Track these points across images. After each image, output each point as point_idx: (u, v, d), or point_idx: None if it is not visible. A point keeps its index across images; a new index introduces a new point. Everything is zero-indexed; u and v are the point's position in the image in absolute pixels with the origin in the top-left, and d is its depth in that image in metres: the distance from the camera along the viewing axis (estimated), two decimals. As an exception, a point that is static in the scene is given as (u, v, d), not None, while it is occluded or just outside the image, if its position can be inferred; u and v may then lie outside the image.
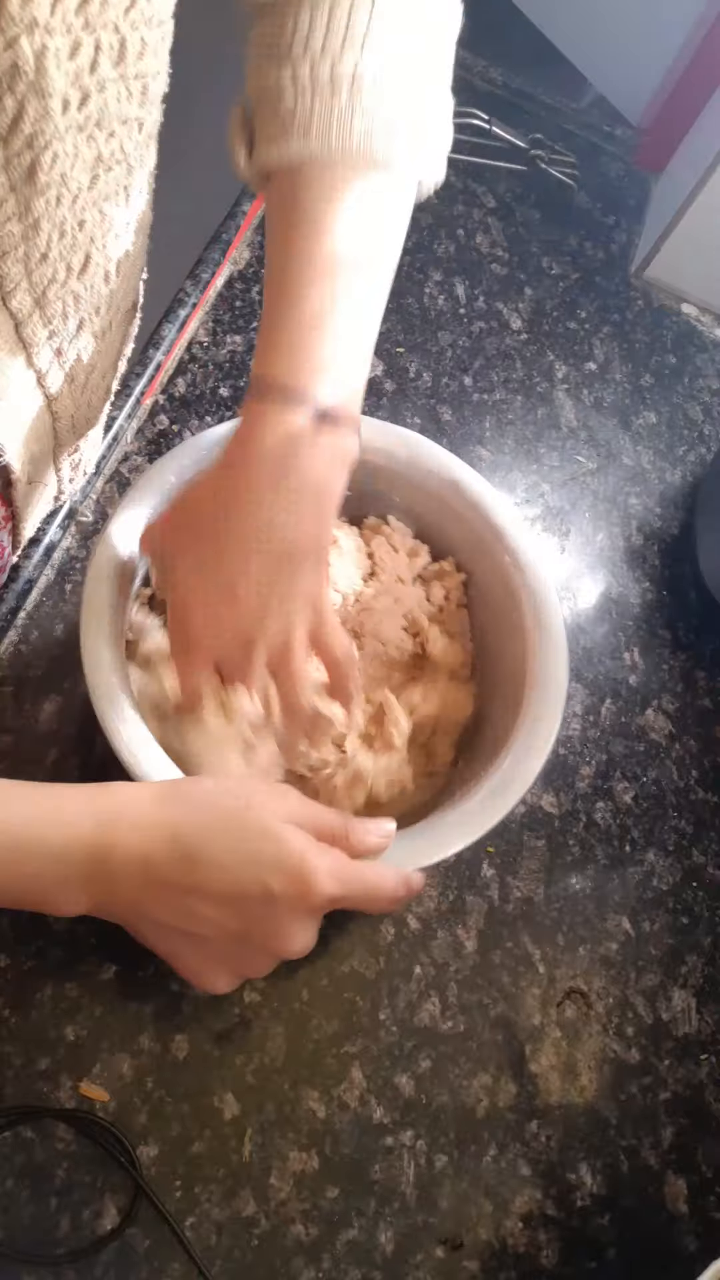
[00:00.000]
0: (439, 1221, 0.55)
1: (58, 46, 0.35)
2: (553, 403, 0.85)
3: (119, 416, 0.72)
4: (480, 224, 0.93)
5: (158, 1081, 0.55)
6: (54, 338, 0.47)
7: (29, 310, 0.44)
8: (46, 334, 0.46)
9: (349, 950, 0.60)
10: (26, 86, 0.35)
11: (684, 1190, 0.59)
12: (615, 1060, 0.62)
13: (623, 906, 0.66)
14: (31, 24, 0.34)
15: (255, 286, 0.82)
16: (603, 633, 0.76)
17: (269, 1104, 0.56)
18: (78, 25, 0.35)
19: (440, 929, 0.62)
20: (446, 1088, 0.58)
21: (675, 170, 0.97)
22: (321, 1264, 0.53)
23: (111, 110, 0.40)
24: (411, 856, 0.50)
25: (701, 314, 0.95)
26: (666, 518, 0.83)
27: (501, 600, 0.60)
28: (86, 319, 0.49)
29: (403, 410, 0.80)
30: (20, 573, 0.65)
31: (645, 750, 0.72)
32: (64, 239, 0.42)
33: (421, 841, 0.51)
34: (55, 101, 0.36)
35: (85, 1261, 0.51)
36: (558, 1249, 0.56)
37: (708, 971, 0.65)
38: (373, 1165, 0.56)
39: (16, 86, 0.35)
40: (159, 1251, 0.52)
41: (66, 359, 0.49)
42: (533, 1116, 0.59)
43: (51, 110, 0.36)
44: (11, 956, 0.56)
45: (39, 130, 0.37)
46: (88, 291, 0.47)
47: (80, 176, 0.41)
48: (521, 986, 0.62)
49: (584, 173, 0.98)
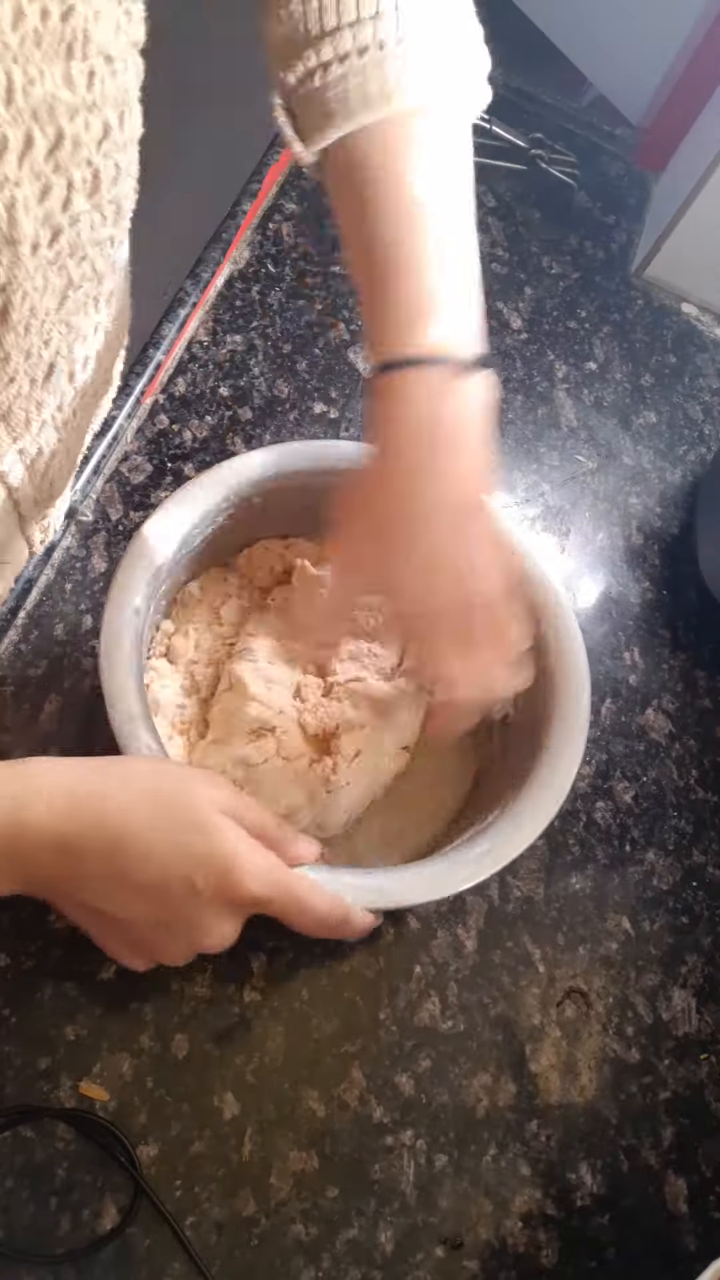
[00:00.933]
0: (439, 1221, 0.55)
1: (26, 195, 0.34)
2: (553, 402, 0.85)
3: (119, 416, 0.72)
4: (480, 223, 0.91)
5: (158, 1081, 0.55)
6: (16, 441, 0.47)
7: None
8: (10, 439, 0.46)
9: (349, 950, 0.60)
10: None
11: (684, 1190, 0.59)
12: (615, 1060, 0.62)
13: (623, 906, 0.66)
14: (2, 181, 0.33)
15: (255, 286, 0.82)
16: (603, 632, 0.76)
17: (269, 1104, 0.56)
18: (48, 170, 0.35)
19: (440, 929, 0.62)
20: (446, 1087, 0.58)
21: (675, 170, 0.97)
22: (321, 1264, 0.53)
23: (84, 238, 0.39)
24: (426, 889, 0.50)
25: (701, 314, 0.95)
26: (666, 518, 0.83)
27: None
28: (50, 418, 0.49)
29: (403, 410, 0.80)
30: (20, 572, 0.65)
31: (645, 750, 0.72)
32: (29, 359, 0.42)
33: (434, 872, 0.51)
34: (25, 247, 0.36)
35: (85, 1261, 0.51)
36: (558, 1249, 0.56)
37: (708, 971, 0.65)
38: (373, 1165, 0.56)
39: None
40: (159, 1251, 0.52)
41: (28, 454, 0.49)
42: (533, 1116, 0.59)
43: (22, 256, 0.36)
44: (11, 956, 0.56)
45: (11, 277, 0.36)
46: (51, 395, 0.47)
47: (49, 303, 0.40)
48: (521, 986, 0.62)
49: (584, 172, 0.98)
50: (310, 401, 0.78)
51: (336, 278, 0.85)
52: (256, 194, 0.86)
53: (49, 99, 0.33)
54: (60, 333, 0.43)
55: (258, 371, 0.78)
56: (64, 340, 0.44)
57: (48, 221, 0.36)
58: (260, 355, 0.79)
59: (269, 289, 0.83)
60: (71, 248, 0.39)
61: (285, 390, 0.78)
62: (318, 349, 0.81)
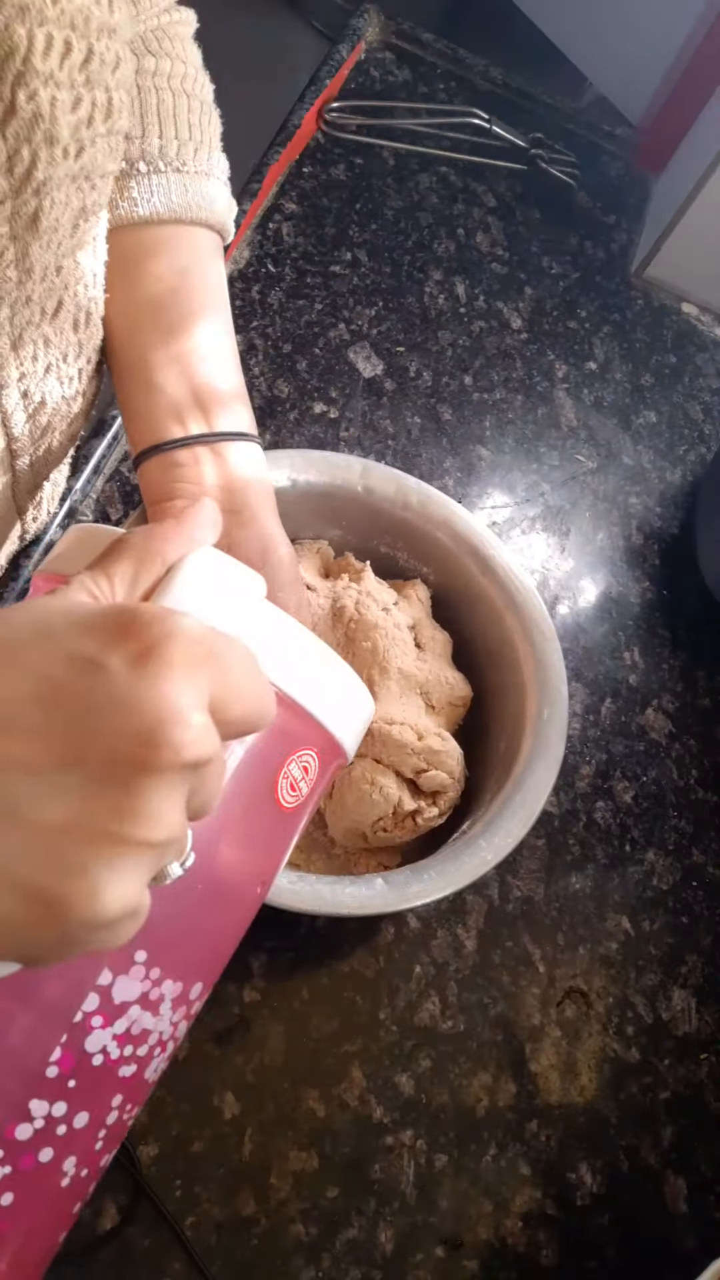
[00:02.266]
0: (439, 1221, 0.55)
1: (64, 99, 0.38)
2: (553, 402, 0.85)
3: (119, 416, 0.72)
4: (480, 223, 0.93)
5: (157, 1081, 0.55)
6: (23, 380, 0.48)
7: (6, 352, 0.45)
8: (18, 375, 0.47)
9: (349, 950, 0.60)
10: (41, 136, 0.37)
11: (684, 1190, 0.59)
12: (615, 1060, 0.62)
13: (623, 906, 0.66)
14: (48, 77, 0.36)
15: (255, 286, 0.82)
16: (603, 632, 0.76)
17: (269, 1103, 0.56)
18: (79, 81, 0.38)
19: (440, 928, 0.62)
20: (446, 1087, 0.58)
21: (675, 170, 0.97)
22: (321, 1263, 0.53)
23: (98, 163, 0.42)
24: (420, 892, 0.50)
25: (701, 313, 0.95)
26: (666, 517, 0.83)
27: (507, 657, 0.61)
28: (54, 364, 0.50)
29: (403, 409, 0.80)
30: (20, 572, 0.65)
31: (645, 750, 0.72)
32: (44, 282, 0.44)
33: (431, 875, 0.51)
34: (59, 150, 0.39)
35: (85, 1261, 0.51)
36: (558, 1249, 0.56)
37: (708, 971, 0.65)
38: (372, 1165, 0.56)
39: (34, 136, 0.37)
40: (159, 1251, 0.52)
41: (32, 401, 0.50)
42: (533, 1116, 0.59)
43: (56, 158, 0.39)
44: (11, 956, 0.56)
45: (48, 177, 0.39)
46: (58, 336, 0.48)
47: (66, 224, 0.43)
48: (521, 986, 0.62)
49: (584, 172, 0.98)
50: (310, 401, 0.78)
51: (336, 278, 0.85)
52: (256, 194, 0.86)
53: (85, 11, 0.37)
54: (69, 265, 0.45)
55: (258, 371, 0.78)
56: (72, 274, 0.46)
57: (76, 134, 0.39)
58: (260, 355, 0.79)
59: (269, 289, 0.83)
60: (88, 169, 0.41)
61: (285, 390, 0.78)
62: (318, 349, 0.81)
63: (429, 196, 0.93)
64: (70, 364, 0.51)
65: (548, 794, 0.55)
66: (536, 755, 0.55)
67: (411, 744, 0.56)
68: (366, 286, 0.86)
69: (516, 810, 0.53)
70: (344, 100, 0.94)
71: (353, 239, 0.87)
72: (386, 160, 0.94)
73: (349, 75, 0.97)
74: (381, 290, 0.86)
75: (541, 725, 0.56)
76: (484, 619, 0.62)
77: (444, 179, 0.94)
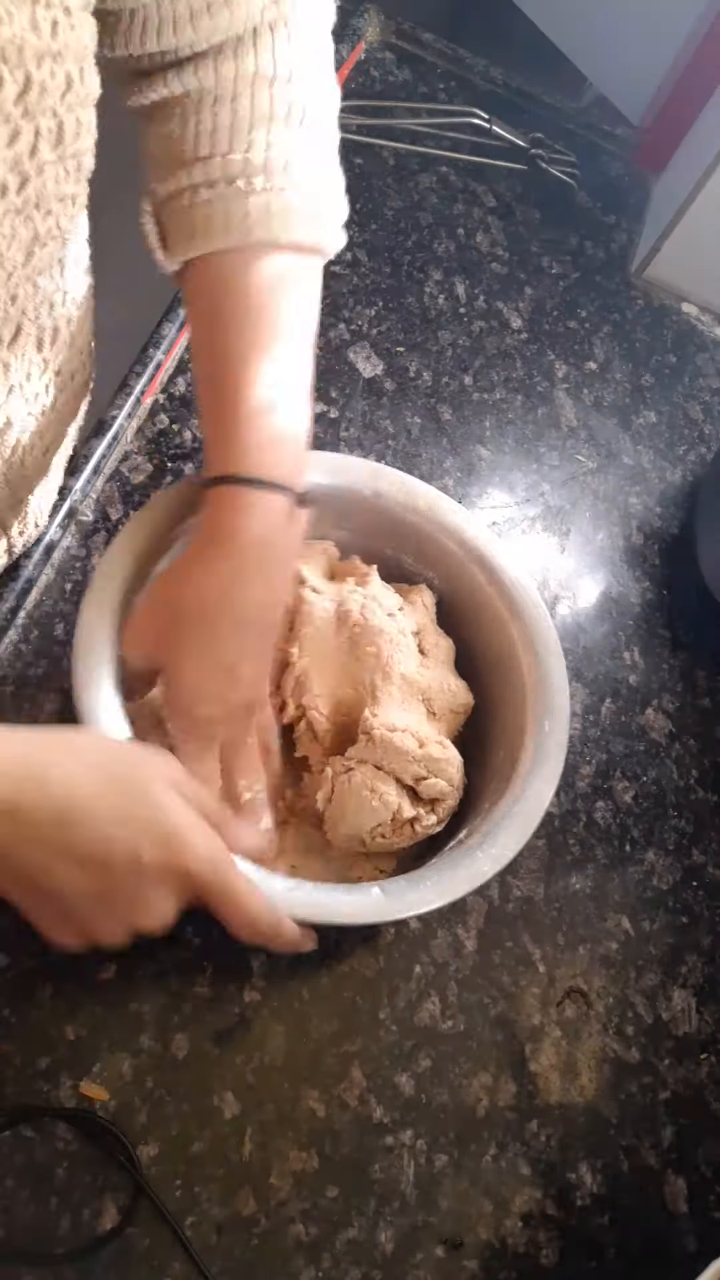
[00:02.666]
0: (439, 1221, 0.55)
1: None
2: (553, 402, 0.85)
3: (119, 415, 0.72)
4: (480, 223, 0.93)
5: (158, 1081, 0.55)
6: None
7: None
8: None
9: (348, 950, 0.60)
10: None
11: (684, 1190, 0.59)
12: (615, 1060, 0.62)
13: (623, 906, 0.66)
14: None
15: (255, 286, 0.82)
16: (603, 632, 0.76)
17: (269, 1103, 0.56)
18: (16, 114, 0.36)
19: (440, 928, 0.62)
20: (446, 1087, 0.58)
21: (675, 170, 0.97)
22: (321, 1263, 0.53)
23: (50, 190, 0.41)
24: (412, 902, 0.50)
25: (701, 313, 0.95)
26: (666, 517, 0.83)
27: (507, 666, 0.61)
28: (17, 385, 0.49)
29: (403, 410, 0.80)
30: (20, 572, 0.65)
31: (645, 750, 0.72)
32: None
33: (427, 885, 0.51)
34: None
35: (85, 1261, 0.51)
36: (558, 1249, 0.56)
37: (708, 971, 0.65)
38: (373, 1165, 0.56)
39: None
40: (159, 1251, 0.52)
41: None
42: (533, 1116, 0.59)
43: None
44: (11, 956, 0.56)
45: None
46: (18, 359, 0.48)
47: (16, 255, 0.41)
48: (521, 986, 0.62)
49: (584, 172, 0.98)
50: (310, 401, 0.78)
51: (336, 278, 0.85)
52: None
53: (18, 40, 0.35)
54: (26, 291, 0.44)
55: (258, 371, 0.78)
56: (30, 300, 0.45)
57: (16, 167, 0.38)
58: (260, 355, 0.79)
59: (269, 289, 0.83)
60: (38, 198, 0.40)
61: (285, 390, 0.78)
62: (318, 349, 0.81)
63: (429, 196, 0.93)
64: (35, 381, 0.51)
65: (546, 806, 0.55)
66: (536, 768, 0.55)
67: (412, 751, 0.56)
68: (366, 286, 0.86)
69: (515, 822, 0.53)
70: (344, 100, 0.94)
71: (353, 239, 0.87)
72: (386, 160, 0.94)
73: (349, 75, 0.97)
74: (381, 290, 0.86)
75: (542, 738, 0.56)
76: (488, 628, 0.62)
77: (444, 179, 0.94)
